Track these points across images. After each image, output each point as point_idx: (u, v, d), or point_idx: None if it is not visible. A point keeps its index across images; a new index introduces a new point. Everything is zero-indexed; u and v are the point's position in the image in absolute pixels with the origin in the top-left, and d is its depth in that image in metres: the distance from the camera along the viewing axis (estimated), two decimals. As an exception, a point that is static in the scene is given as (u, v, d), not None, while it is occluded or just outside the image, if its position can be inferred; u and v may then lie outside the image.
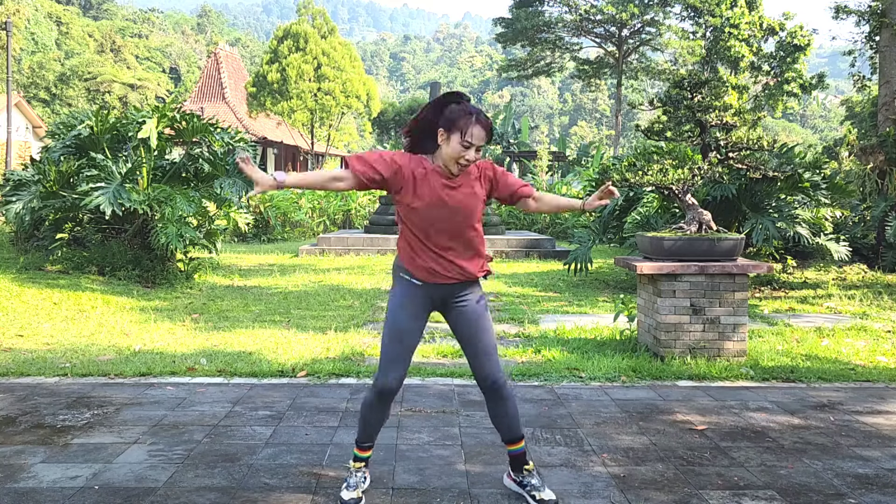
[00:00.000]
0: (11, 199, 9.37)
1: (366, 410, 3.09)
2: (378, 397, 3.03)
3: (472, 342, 3.07)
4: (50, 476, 3.33)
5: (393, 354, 3.00)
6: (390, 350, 3.01)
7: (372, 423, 3.10)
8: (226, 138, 10.31)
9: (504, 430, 3.13)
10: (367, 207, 20.70)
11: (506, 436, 3.15)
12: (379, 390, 3.01)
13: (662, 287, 5.58)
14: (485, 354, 3.07)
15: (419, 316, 3.03)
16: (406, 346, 3.01)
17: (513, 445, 3.15)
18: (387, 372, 3.00)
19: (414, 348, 3.06)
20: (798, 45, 35.53)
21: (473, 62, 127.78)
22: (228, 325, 7.08)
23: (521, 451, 3.15)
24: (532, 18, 36.42)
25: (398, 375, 3.01)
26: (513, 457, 3.17)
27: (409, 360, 3.05)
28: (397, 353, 3.00)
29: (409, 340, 3.02)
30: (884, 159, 12.55)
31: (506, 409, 3.10)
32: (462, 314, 3.06)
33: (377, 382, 3.02)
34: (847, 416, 4.36)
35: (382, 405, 3.06)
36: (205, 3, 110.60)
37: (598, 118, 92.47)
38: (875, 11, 14.86)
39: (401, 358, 3.01)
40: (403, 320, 3.00)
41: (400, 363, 3.01)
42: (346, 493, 3.06)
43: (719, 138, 6.61)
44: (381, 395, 3.03)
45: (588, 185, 11.38)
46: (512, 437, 3.14)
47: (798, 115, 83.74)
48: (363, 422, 3.11)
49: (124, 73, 58.65)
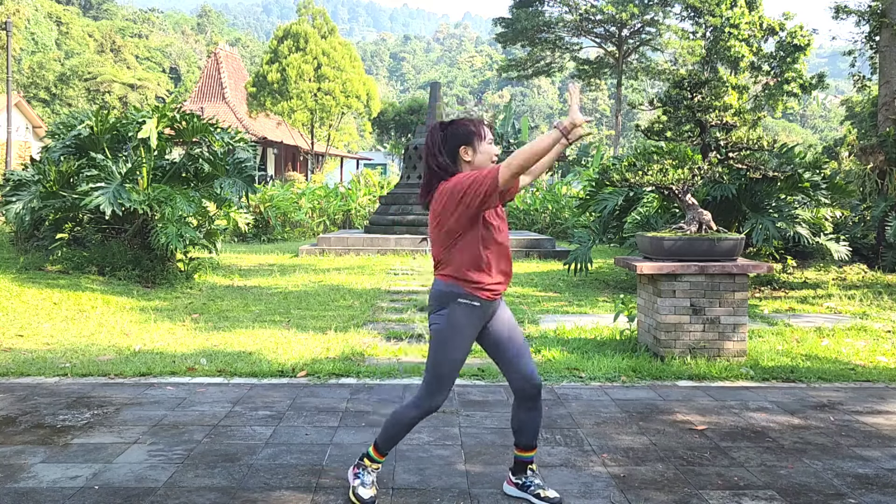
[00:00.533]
0: (11, 199, 9.37)
1: (401, 428, 3.06)
2: (423, 416, 3.05)
3: (511, 343, 3.06)
4: (50, 476, 3.33)
5: (447, 380, 3.00)
6: (445, 376, 2.99)
7: (401, 435, 3.10)
8: (226, 138, 10.31)
9: (529, 436, 3.12)
10: (367, 207, 20.70)
11: (528, 441, 3.13)
12: (426, 411, 3.03)
13: (662, 287, 5.58)
14: (526, 352, 3.08)
15: (474, 338, 3.03)
16: (457, 370, 3.02)
17: (529, 452, 3.15)
18: (438, 395, 3.01)
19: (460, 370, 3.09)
20: (798, 45, 35.51)
21: (473, 62, 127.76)
22: (228, 325, 7.08)
23: (531, 460, 3.17)
24: (532, 18, 36.40)
25: (446, 397, 3.05)
26: (520, 462, 3.16)
27: (455, 381, 3.08)
28: (451, 378, 3.01)
29: (460, 365, 3.03)
30: (884, 159, 12.55)
31: (538, 414, 3.10)
32: (497, 320, 3.07)
33: (425, 404, 3.01)
34: (847, 416, 4.36)
35: (420, 421, 3.08)
36: (205, 3, 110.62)
37: (598, 118, 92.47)
38: (875, 11, 14.86)
39: (452, 382, 3.03)
40: (462, 348, 2.98)
41: (450, 387, 3.03)
42: (364, 490, 3.06)
43: (719, 138, 6.61)
44: (427, 414, 3.05)
45: (588, 185, 11.37)
46: (531, 444, 3.14)
47: (798, 115, 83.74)
48: (394, 436, 3.09)
49: (124, 73, 58.65)
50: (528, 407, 3.08)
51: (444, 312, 2.95)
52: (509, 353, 3.05)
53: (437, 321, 2.98)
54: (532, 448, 3.15)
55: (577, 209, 11.94)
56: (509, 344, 3.05)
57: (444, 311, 2.95)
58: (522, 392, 3.06)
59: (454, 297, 2.93)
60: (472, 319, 2.96)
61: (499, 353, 3.06)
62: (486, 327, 3.05)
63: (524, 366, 3.05)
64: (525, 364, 3.05)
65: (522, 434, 3.11)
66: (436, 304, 2.98)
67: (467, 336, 2.97)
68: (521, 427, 3.11)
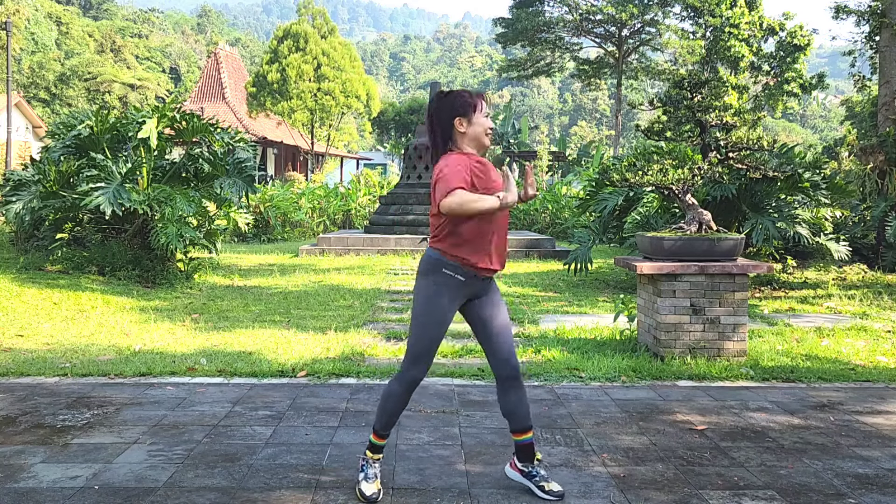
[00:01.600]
0: (11, 199, 9.37)
1: (391, 402, 3.13)
2: (407, 388, 3.11)
3: (492, 322, 3.12)
4: (50, 476, 3.33)
5: (426, 348, 3.07)
6: (424, 344, 3.07)
7: (395, 413, 3.15)
8: (226, 138, 10.31)
9: (520, 419, 3.15)
10: (367, 207, 20.70)
11: (519, 425, 3.16)
12: (409, 382, 3.10)
13: (662, 287, 5.58)
14: (507, 333, 3.13)
15: (453, 311, 3.09)
16: (437, 340, 3.08)
17: (524, 434, 3.17)
18: (418, 364, 3.08)
19: (440, 342, 3.13)
20: (798, 45, 35.53)
21: (473, 62, 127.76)
22: (228, 325, 7.08)
23: (531, 442, 3.19)
24: (532, 19, 36.40)
25: (427, 367, 3.11)
26: (522, 447, 3.18)
27: (435, 353, 3.14)
28: (429, 347, 3.08)
29: (440, 335, 3.09)
30: (884, 159, 12.55)
31: (520, 396, 3.15)
32: (485, 299, 3.14)
33: (407, 375, 3.09)
34: (847, 416, 4.36)
35: (408, 395, 3.13)
36: (205, 3, 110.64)
37: (598, 118, 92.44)
38: (875, 11, 14.86)
39: (431, 352, 3.09)
40: (440, 315, 3.05)
41: (430, 356, 3.10)
42: (367, 485, 3.09)
43: (719, 138, 6.61)
44: (410, 386, 3.11)
45: (588, 185, 11.37)
46: (525, 426, 3.17)
47: (798, 115, 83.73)
48: (386, 413, 3.14)
49: (124, 73, 58.65)
50: (510, 387, 3.13)
51: (427, 281, 3.07)
52: (489, 332, 3.12)
53: (420, 285, 3.10)
54: (528, 429, 3.17)
55: (577, 209, 11.94)
56: (491, 323, 3.13)
57: (429, 278, 3.07)
58: (501, 373, 3.14)
59: (439, 267, 3.04)
60: (452, 291, 3.05)
61: (480, 331, 3.15)
62: (471, 304, 3.13)
63: (503, 346, 3.12)
64: (503, 344, 3.12)
65: (514, 417, 3.16)
66: (423, 269, 3.10)
67: (446, 307, 3.05)
68: (510, 410, 3.16)
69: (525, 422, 3.16)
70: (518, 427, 3.17)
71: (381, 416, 3.16)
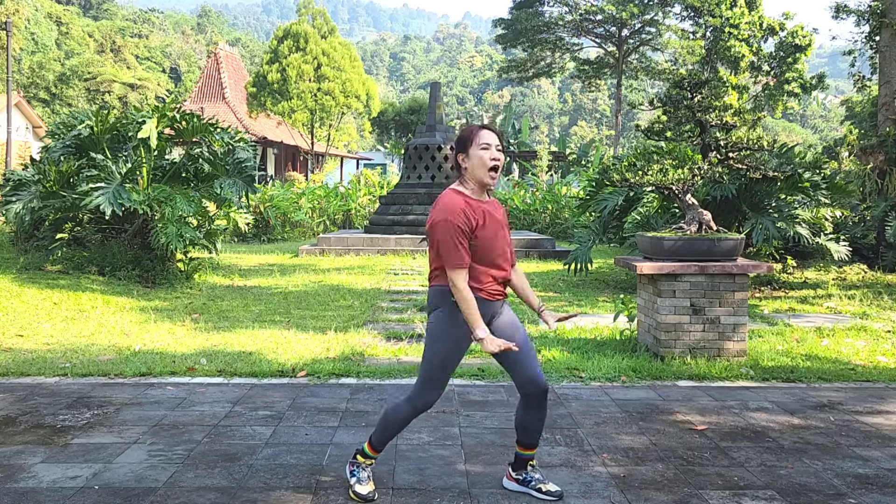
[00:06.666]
0: (11, 199, 9.37)
1: (396, 425, 3.11)
2: (417, 411, 3.08)
3: (512, 341, 3.05)
4: (50, 476, 3.33)
5: (441, 378, 3.04)
6: (439, 374, 3.03)
7: (396, 432, 3.14)
8: (226, 138, 10.31)
9: (532, 435, 3.15)
10: (367, 207, 20.70)
11: (529, 440, 3.16)
12: (419, 409, 3.07)
13: (662, 287, 5.58)
14: (532, 354, 3.10)
15: (468, 339, 3.03)
16: (451, 365, 3.05)
17: (529, 451, 3.18)
18: (431, 393, 3.05)
19: (454, 368, 3.10)
20: (798, 45, 35.51)
21: (473, 62, 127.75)
22: (228, 325, 7.08)
23: (532, 458, 3.20)
24: (532, 19, 36.38)
25: (440, 393, 3.08)
26: (522, 460, 3.20)
27: (448, 380, 3.11)
28: (443, 377, 3.05)
29: (455, 361, 3.06)
30: (884, 159, 12.55)
31: (542, 415, 3.13)
32: (499, 322, 3.09)
33: (419, 401, 3.05)
34: (847, 416, 4.36)
35: (414, 417, 3.11)
36: (205, 3, 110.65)
37: (598, 118, 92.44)
38: (875, 11, 14.87)
39: (445, 381, 3.07)
40: (454, 347, 3.01)
41: (442, 386, 3.07)
42: (361, 486, 3.10)
43: (719, 138, 6.61)
44: (422, 410, 3.08)
45: (588, 185, 11.36)
46: (534, 443, 3.17)
47: (798, 115, 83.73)
48: (388, 431, 3.12)
49: (124, 73, 58.63)
50: (534, 406, 3.10)
51: (439, 312, 3.02)
52: (513, 356, 3.05)
53: (432, 320, 3.05)
54: (534, 447, 3.18)
55: (577, 209, 11.93)
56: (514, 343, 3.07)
57: (440, 310, 3.02)
58: (528, 394, 3.09)
59: (448, 297, 2.98)
60: None
61: (503, 355, 3.06)
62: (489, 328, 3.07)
63: (529, 368, 3.06)
64: (530, 367, 3.06)
65: (526, 433, 3.14)
66: (432, 303, 3.06)
67: (460, 336, 3.00)
68: (525, 426, 3.13)
69: (535, 438, 3.16)
70: (527, 441, 3.16)
71: (381, 430, 3.13)
